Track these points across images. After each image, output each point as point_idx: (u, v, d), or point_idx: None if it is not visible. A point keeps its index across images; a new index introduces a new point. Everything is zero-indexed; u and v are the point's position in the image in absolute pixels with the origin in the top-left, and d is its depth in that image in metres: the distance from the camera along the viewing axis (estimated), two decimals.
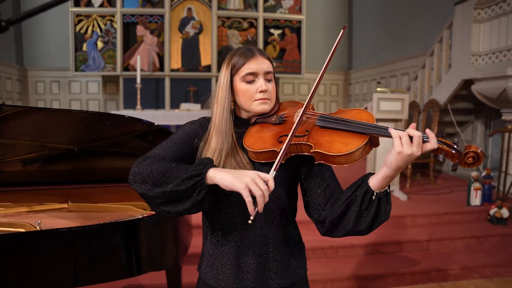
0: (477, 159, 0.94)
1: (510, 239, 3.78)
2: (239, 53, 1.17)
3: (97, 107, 7.97)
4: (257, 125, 1.18)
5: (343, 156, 0.99)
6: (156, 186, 0.98)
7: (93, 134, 2.23)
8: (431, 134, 0.95)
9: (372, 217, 1.03)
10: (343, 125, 1.04)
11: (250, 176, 0.91)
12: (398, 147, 0.95)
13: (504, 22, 4.35)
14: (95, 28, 6.85)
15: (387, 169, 0.99)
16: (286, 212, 1.19)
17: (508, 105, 4.48)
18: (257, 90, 1.15)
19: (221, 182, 0.93)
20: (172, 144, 1.14)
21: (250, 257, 1.15)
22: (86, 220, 2.01)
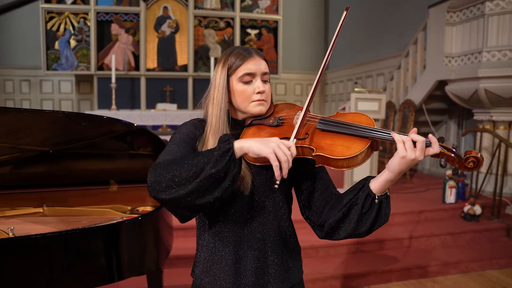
0: (477, 164, 0.96)
1: (482, 235, 3.91)
2: (235, 53, 1.14)
3: (70, 107, 7.73)
4: (254, 127, 1.16)
5: (345, 159, 0.99)
6: (188, 182, 0.91)
7: (69, 135, 2.15)
8: (433, 139, 0.97)
9: (372, 220, 1.04)
10: (345, 128, 1.03)
11: (276, 142, 0.93)
12: (402, 152, 0.96)
13: (474, 26, 4.50)
14: (68, 25, 6.64)
15: (389, 173, 1.00)
16: (284, 215, 1.18)
17: (480, 105, 4.62)
18: (254, 91, 1.12)
19: (249, 149, 0.93)
20: (177, 146, 1.09)
21: (249, 262, 1.13)
22: (63, 224, 1.93)
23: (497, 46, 4.28)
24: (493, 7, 4.26)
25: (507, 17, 4.21)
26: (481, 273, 3.45)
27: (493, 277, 3.39)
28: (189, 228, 3.38)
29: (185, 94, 7.02)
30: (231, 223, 1.13)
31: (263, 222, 1.14)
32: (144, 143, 2.30)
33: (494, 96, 4.33)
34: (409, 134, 0.98)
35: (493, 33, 4.29)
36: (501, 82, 4.25)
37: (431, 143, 0.97)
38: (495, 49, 4.28)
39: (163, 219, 2.04)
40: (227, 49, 1.19)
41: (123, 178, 2.38)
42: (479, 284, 3.24)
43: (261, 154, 0.92)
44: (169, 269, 2.95)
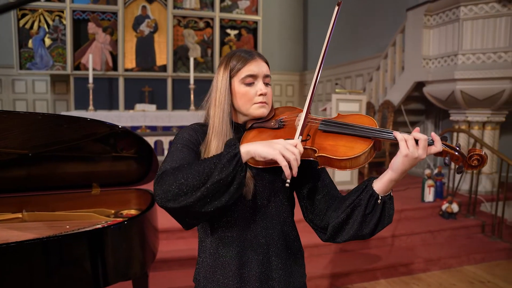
0: (481, 161, 0.96)
1: (459, 232, 4.03)
2: (237, 55, 1.14)
3: (45, 107, 7.50)
4: (255, 130, 1.15)
5: (348, 160, 0.98)
6: (196, 189, 0.91)
7: (49, 137, 2.08)
8: (436, 137, 0.97)
9: (376, 221, 1.03)
10: (347, 129, 1.03)
11: (282, 143, 0.94)
12: (404, 150, 0.96)
13: (450, 29, 4.62)
14: (42, 23, 6.43)
15: (392, 173, 1.00)
16: (287, 219, 1.17)
17: (456, 106, 4.76)
18: (256, 93, 1.12)
19: (256, 153, 0.94)
20: (180, 152, 1.07)
21: (253, 267, 1.11)
22: (44, 230, 1.87)
23: (471, 49, 4.41)
24: (467, 12, 4.39)
25: (479, 22, 4.35)
26: (459, 269, 3.56)
27: (470, 272, 3.50)
28: (172, 231, 3.33)
29: (164, 95, 6.93)
30: (234, 228, 1.11)
31: (267, 226, 1.13)
32: (128, 145, 2.25)
33: (469, 97, 4.47)
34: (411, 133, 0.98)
35: (467, 37, 4.42)
36: (475, 84, 4.38)
37: (433, 141, 0.97)
38: (470, 52, 4.41)
39: (149, 222, 2.00)
40: (228, 52, 1.18)
41: (106, 181, 2.33)
42: (458, 280, 3.33)
43: (268, 157, 0.93)
44: (153, 272, 2.90)
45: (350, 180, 4.54)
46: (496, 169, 4.70)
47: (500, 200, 4.05)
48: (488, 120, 4.64)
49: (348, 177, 4.54)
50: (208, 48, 7.23)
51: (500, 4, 4.22)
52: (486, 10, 4.30)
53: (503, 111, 4.66)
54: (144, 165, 2.30)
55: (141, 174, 2.34)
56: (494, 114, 4.62)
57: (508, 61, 4.24)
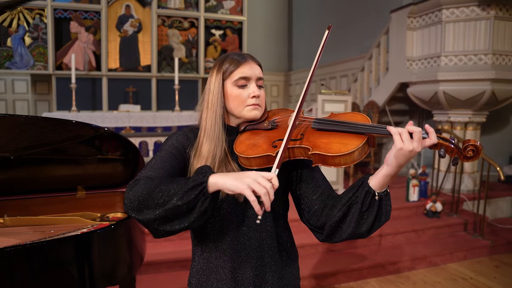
0: (477, 152, 0.95)
1: (443, 230, 4.10)
2: (230, 58, 1.13)
3: (25, 108, 7.32)
4: (247, 132, 1.14)
5: (342, 156, 0.97)
6: (157, 206, 0.91)
7: (32, 140, 2.03)
8: (430, 129, 0.96)
9: (373, 218, 1.02)
10: (341, 126, 1.02)
11: (252, 176, 0.88)
12: (399, 144, 0.94)
13: (433, 31, 4.70)
14: (21, 21, 6.27)
15: (388, 167, 0.98)
16: (280, 221, 1.17)
17: (439, 107, 4.84)
18: (249, 95, 1.12)
19: (224, 186, 0.89)
20: (161, 161, 1.06)
21: (247, 270, 1.11)
22: (28, 235, 1.82)
23: (453, 51, 4.50)
24: (449, 14, 4.48)
25: (461, 24, 4.45)
26: (443, 266, 3.63)
27: (454, 269, 3.57)
28: None
29: (148, 95, 6.85)
30: (227, 231, 1.11)
31: (260, 229, 1.12)
32: (114, 147, 2.21)
33: (451, 98, 4.55)
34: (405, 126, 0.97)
35: (449, 39, 4.51)
36: (457, 85, 4.47)
37: (428, 134, 0.96)
38: (452, 54, 4.50)
39: (136, 225, 1.97)
40: (221, 55, 1.18)
41: (92, 184, 2.29)
42: (442, 277, 3.39)
43: (236, 190, 0.88)
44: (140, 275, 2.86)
45: (336, 180, 4.57)
46: (478, 169, 4.80)
47: (482, 199, 4.14)
48: (470, 120, 4.74)
49: (334, 177, 4.57)
50: (193, 48, 7.18)
51: (480, 8, 4.32)
52: (467, 13, 4.39)
53: (483, 112, 4.76)
54: (130, 167, 2.27)
55: (127, 176, 2.30)
56: (475, 114, 4.73)
57: (488, 63, 4.34)
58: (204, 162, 1.07)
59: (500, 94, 4.45)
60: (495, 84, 4.36)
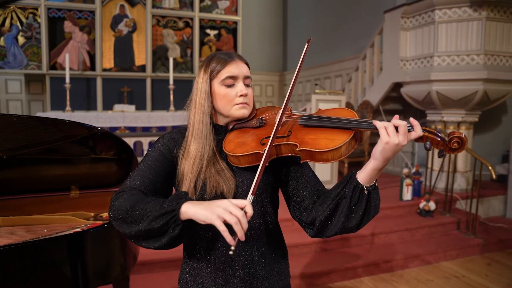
0: (461, 144, 0.96)
1: (436, 229, 4.13)
2: (217, 58, 1.14)
3: (19, 108, 7.28)
4: (236, 130, 1.15)
5: (330, 151, 0.98)
6: (132, 225, 0.94)
7: (25, 140, 2.03)
8: (415, 122, 0.97)
9: (362, 213, 1.03)
10: (327, 122, 1.03)
11: (223, 206, 0.87)
12: (385, 138, 0.95)
13: (426, 32, 4.74)
14: (15, 21, 6.23)
15: (375, 161, 0.99)
16: (270, 218, 1.18)
17: (432, 106, 4.88)
18: (236, 94, 1.12)
19: (195, 216, 0.89)
20: (147, 169, 1.08)
21: (237, 267, 1.12)
22: (21, 235, 1.82)
23: (446, 51, 4.54)
24: (442, 15, 4.51)
25: (453, 25, 4.48)
26: (436, 265, 3.66)
27: (446, 268, 3.60)
28: None
29: (143, 95, 6.84)
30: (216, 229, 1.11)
31: (249, 227, 1.12)
32: (107, 147, 2.22)
33: (444, 98, 4.59)
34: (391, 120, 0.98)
35: (442, 39, 4.54)
36: (450, 85, 4.51)
37: (413, 127, 0.97)
38: (445, 54, 4.54)
39: None
40: (209, 54, 1.19)
41: (85, 184, 2.29)
42: (434, 276, 3.42)
43: (207, 221, 0.87)
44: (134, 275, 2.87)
45: (330, 179, 4.60)
46: (470, 168, 4.84)
47: (474, 198, 4.17)
48: (463, 120, 4.78)
49: (328, 176, 4.59)
50: (187, 48, 7.18)
51: (472, 9, 4.37)
52: (459, 14, 4.43)
53: (476, 112, 4.81)
54: (124, 167, 2.27)
55: (121, 176, 2.30)
56: (468, 114, 4.77)
57: (480, 64, 4.38)
58: (192, 161, 1.08)
59: (492, 94, 4.50)
60: (487, 84, 4.40)
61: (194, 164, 1.08)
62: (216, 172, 1.09)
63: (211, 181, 1.08)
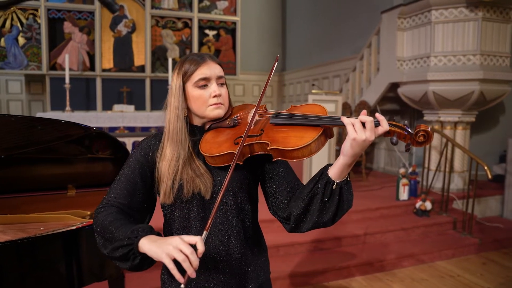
0: (428, 137, 0.97)
1: (432, 228, 4.16)
2: (189, 60, 1.15)
3: (19, 108, 7.33)
4: (212, 130, 1.18)
5: (300, 149, 1.00)
6: (103, 246, 1.03)
7: (22, 139, 2.06)
8: (381, 117, 0.99)
9: (335, 208, 1.04)
10: (297, 119, 1.06)
11: (173, 244, 0.89)
12: (352, 134, 0.97)
13: (423, 32, 4.77)
14: (15, 22, 6.28)
15: (344, 157, 1.00)
16: (247, 216, 1.20)
17: (429, 106, 4.90)
18: (210, 95, 1.14)
19: (149, 253, 0.93)
20: (125, 180, 1.14)
21: (215, 263, 1.14)
22: (17, 233, 1.85)
23: (442, 51, 4.56)
24: (438, 15, 4.54)
25: (450, 25, 4.51)
26: (431, 264, 3.68)
27: (441, 267, 3.62)
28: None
29: (142, 95, 6.88)
30: (194, 227, 1.14)
31: (226, 224, 1.15)
32: (103, 147, 2.25)
33: (441, 98, 4.61)
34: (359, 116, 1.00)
35: (439, 40, 4.57)
36: (447, 85, 4.53)
37: (379, 122, 0.98)
38: (441, 54, 4.56)
39: None
40: (182, 57, 1.21)
41: (82, 183, 2.32)
42: (429, 275, 3.45)
43: (158, 258, 0.91)
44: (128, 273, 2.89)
45: None
46: (467, 168, 4.86)
47: (471, 198, 4.20)
48: (459, 120, 4.81)
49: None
50: (186, 48, 7.21)
51: (468, 9, 4.39)
52: (455, 14, 4.45)
53: (473, 112, 4.83)
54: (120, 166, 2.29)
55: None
56: (465, 114, 4.79)
57: (476, 64, 4.40)
58: (168, 164, 1.11)
59: (488, 94, 4.52)
60: (484, 84, 4.42)
61: (170, 166, 1.11)
62: (193, 172, 1.11)
63: (188, 181, 1.11)
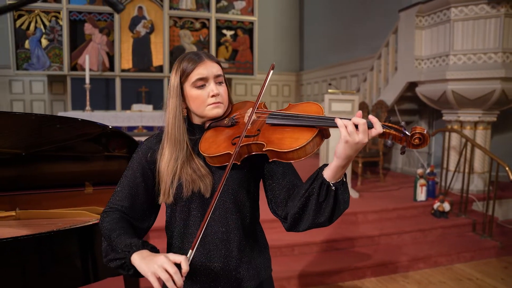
0: (423, 140, 0.95)
1: (450, 230, 4.08)
2: (187, 59, 1.15)
3: (42, 108, 7.54)
4: (211, 129, 1.18)
5: (295, 151, 0.99)
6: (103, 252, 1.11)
7: (42, 137, 2.13)
8: (374, 119, 0.96)
9: (331, 208, 1.04)
10: (292, 120, 1.04)
11: (158, 262, 0.92)
12: (345, 136, 0.96)
13: (442, 30, 4.68)
14: (39, 24, 6.47)
15: (337, 159, 0.99)
16: (247, 213, 1.20)
17: (448, 106, 4.81)
18: (208, 95, 1.14)
19: (138, 269, 0.97)
20: (127, 183, 1.18)
21: (216, 262, 1.15)
22: (37, 227, 1.91)
23: (462, 50, 4.47)
24: (458, 13, 4.44)
25: (470, 23, 4.41)
26: (449, 266, 3.61)
27: (460, 270, 3.55)
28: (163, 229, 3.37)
29: (160, 95, 6.98)
30: (195, 225, 1.15)
31: (226, 222, 1.15)
32: (119, 145, 2.30)
33: (460, 97, 4.52)
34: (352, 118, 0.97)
35: (458, 38, 4.47)
36: (466, 84, 4.43)
37: (372, 124, 0.96)
38: (461, 52, 4.47)
39: None
40: (179, 56, 1.21)
41: (99, 180, 2.37)
42: (447, 277, 3.38)
43: (145, 276, 0.95)
44: None
45: None
46: (488, 168, 4.74)
47: (491, 199, 4.10)
48: (480, 120, 4.70)
49: None
50: (204, 48, 7.27)
51: (490, 6, 4.28)
52: (476, 11, 4.35)
53: (494, 111, 4.71)
54: None
55: None
56: (486, 114, 4.68)
57: (498, 62, 4.29)
58: (167, 164, 1.13)
59: (510, 93, 4.40)
60: (505, 83, 4.31)
61: (169, 166, 1.12)
62: (193, 171, 1.12)
63: (188, 180, 1.11)
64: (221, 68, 1.18)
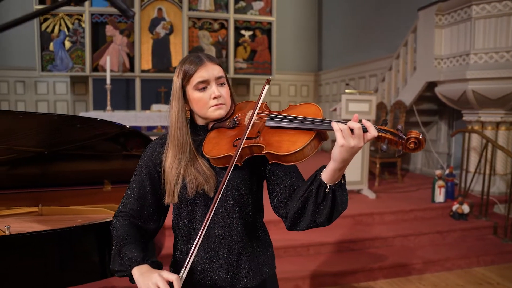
0: (419, 144, 0.95)
1: (470, 233, 3.99)
2: (188, 62, 1.17)
3: (65, 108, 7.76)
4: (215, 130, 1.20)
5: (293, 154, 1.01)
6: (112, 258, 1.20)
7: (63, 137, 2.21)
8: (367, 124, 0.97)
9: (329, 209, 1.05)
10: (290, 123, 1.06)
11: (153, 280, 1.00)
12: (340, 140, 0.97)
13: (462, 29, 4.59)
14: (62, 27, 6.67)
15: (334, 162, 1.00)
16: (250, 212, 1.22)
17: (468, 106, 4.71)
18: (210, 97, 1.16)
19: (136, 283, 1.05)
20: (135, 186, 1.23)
21: (219, 258, 1.18)
22: (58, 223, 1.99)
23: (483, 48, 4.37)
24: (479, 10, 4.35)
25: (492, 20, 4.31)
26: (467, 270, 3.54)
27: (479, 273, 3.48)
28: None
29: None
30: (199, 224, 1.18)
31: (229, 220, 1.18)
32: (137, 144, 2.36)
33: (481, 97, 4.42)
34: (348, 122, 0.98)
35: (479, 36, 4.38)
36: (488, 84, 4.34)
37: (366, 128, 0.97)
38: (482, 51, 4.37)
39: None
40: (182, 58, 1.23)
41: (117, 178, 2.44)
42: (465, 281, 3.32)
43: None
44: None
45: (360, 180, 4.57)
46: (510, 170, 4.63)
47: None
48: (502, 120, 4.59)
49: (358, 176, 4.56)
50: (222, 49, 7.34)
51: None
52: (499, 8, 4.25)
53: None
54: None
55: None
56: (508, 114, 4.57)
57: None
58: (171, 166, 1.16)
59: None
60: None
61: (173, 167, 1.15)
62: (197, 172, 1.15)
63: (192, 181, 1.14)
64: (222, 69, 1.20)
